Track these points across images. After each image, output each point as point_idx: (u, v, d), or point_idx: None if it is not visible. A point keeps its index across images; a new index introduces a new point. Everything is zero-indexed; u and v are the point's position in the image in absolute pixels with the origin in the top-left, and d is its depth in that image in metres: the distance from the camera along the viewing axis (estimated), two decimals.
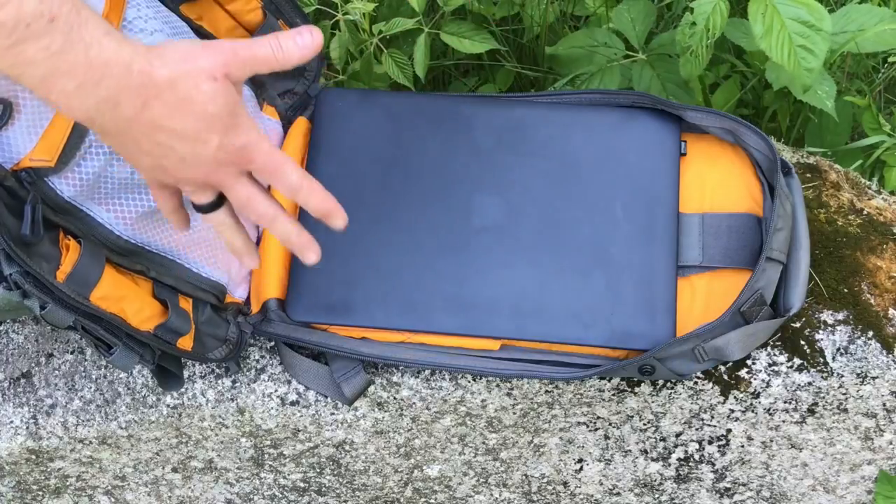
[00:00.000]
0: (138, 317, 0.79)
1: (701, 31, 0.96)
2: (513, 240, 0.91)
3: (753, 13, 0.93)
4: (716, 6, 0.95)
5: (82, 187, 0.75)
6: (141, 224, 0.81)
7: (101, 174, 0.76)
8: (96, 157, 0.75)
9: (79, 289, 0.73)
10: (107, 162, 0.76)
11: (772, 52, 0.92)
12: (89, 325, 0.76)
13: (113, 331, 0.78)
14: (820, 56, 0.92)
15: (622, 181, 0.92)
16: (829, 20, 0.92)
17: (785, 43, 0.92)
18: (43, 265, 0.71)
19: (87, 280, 0.74)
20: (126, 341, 0.79)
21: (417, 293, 0.89)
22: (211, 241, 0.88)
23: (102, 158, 0.76)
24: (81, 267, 0.73)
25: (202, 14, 0.90)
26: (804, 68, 0.92)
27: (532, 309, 0.88)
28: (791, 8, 0.92)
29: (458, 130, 0.95)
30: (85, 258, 0.74)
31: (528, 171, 0.93)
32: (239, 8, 0.92)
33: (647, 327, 0.87)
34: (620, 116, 0.95)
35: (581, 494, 1.04)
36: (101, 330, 0.77)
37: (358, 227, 0.93)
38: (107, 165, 0.76)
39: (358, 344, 0.89)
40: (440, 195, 0.93)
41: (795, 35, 0.92)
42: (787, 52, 0.92)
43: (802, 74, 0.92)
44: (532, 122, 0.95)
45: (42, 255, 0.71)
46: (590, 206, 0.91)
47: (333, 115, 0.98)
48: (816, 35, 0.92)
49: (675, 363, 0.86)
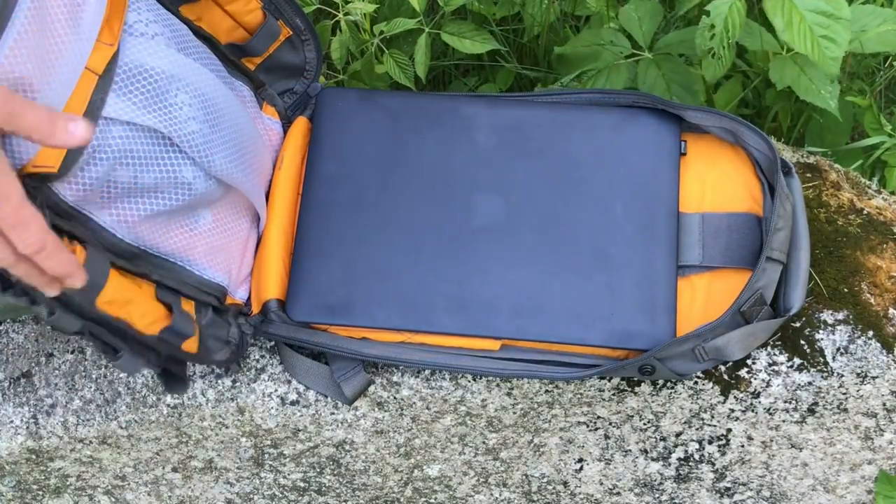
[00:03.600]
0: (144, 321, 0.79)
1: (721, 33, 0.96)
2: (513, 240, 0.91)
3: (771, 9, 0.93)
4: (732, 5, 0.96)
5: (86, 193, 0.75)
6: (143, 228, 0.81)
7: (105, 179, 0.76)
8: (100, 162, 0.75)
9: (86, 294, 0.74)
10: (111, 167, 0.76)
11: (796, 45, 0.93)
12: (96, 330, 0.76)
13: (119, 335, 0.78)
14: (842, 44, 0.92)
15: (622, 181, 0.92)
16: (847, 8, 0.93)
17: (807, 34, 0.92)
18: None
19: (94, 284, 0.74)
20: (132, 345, 0.79)
21: (418, 293, 0.89)
22: (211, 244, 0.89)
23: (107, 164, 0.76)
24: (88, 271, 0.73)
25: (201, 15, 0.90)
26: (829, 57, 0.92)
27: (532, 309, 0.88)
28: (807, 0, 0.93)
29: (458, 130, 0.95)
30: (91, 263, 0.74)
31: (529, 170, 0.93)
32: (238, 9, 0.92)
33: (647, 327, 0.87)
34: (621, 116, 0.95)
35: (581, 494, 1.04)
36: (108, 334, 0.77)
37: (358, 227, 0.93)
38: (110, 171, 0.76)
39: (358, 344, 0.89)
40: (440, 195, 0.93)
41: (816, 26, 0.92)
42: (810, 43, 0.92)
43: (828, 63, 0.92)
44: (532, 122, 0.95)
45: None
46: (590, 206, 0.91)
47: (334, 114, 0.98)
48: (837, 24, 0.92)
49: (675, 363, 0.86)
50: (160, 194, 0.80)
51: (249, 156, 0.90)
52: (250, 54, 0.96)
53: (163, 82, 0.78)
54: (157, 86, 0.77)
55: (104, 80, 0.74)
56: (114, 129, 0.75)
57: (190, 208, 0.85)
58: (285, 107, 1.01)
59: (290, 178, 0.96)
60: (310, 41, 0.96)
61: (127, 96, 0.76)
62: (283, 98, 1.00)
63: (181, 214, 0.85)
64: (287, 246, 0.93)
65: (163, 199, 0.81)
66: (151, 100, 0.77)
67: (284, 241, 0.93)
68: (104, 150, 0.75)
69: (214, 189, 0.86)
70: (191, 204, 0.84)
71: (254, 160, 0.91)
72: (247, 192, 0.90)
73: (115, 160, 0.76)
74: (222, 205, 0.90)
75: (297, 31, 0.95)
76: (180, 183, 0.81)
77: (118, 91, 0.75)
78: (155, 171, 0.79)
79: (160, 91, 0.78)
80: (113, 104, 0.75)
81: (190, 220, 0.86)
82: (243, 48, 0.95)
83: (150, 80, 0.77)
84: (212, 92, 0.83)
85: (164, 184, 0.80)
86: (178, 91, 0.79)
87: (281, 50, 0.96)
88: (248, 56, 0.96)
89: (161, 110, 0.78)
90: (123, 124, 0.76)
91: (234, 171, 0.86)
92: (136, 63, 0.77)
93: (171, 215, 0.83)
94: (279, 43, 0.96)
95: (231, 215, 0.91)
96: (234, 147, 0.86)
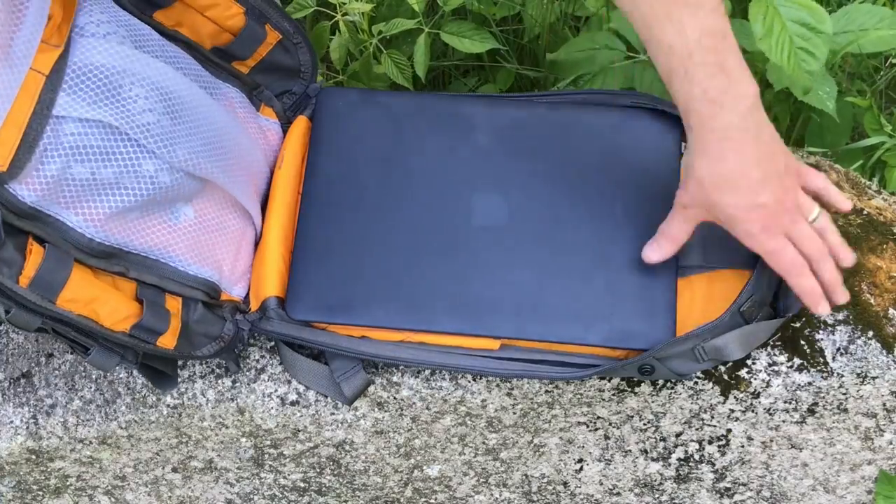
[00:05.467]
0: (112, 318, 0.79)
1: None
2: (513, 239, 0.91)
3: (754, 14, 0.93)
4: None
5: (44, 191, 0.76)
6: (112, 225, 0.81)
7: (62, 176, 0.77)
8: (54, 159, 0.76)
9: (43, 293, 0.74)
10: (65, 164, 0.77)
11: (771, 54, 0.92)
12: (59, 328, 0.77)
13: (86, 332, 0.78)
14: (820, 58, 0.92)
15: (622, 181, 0.92)
16: (830, 23, 0.92)
17: (785, 45, 0.92)
18: (4, 270, 0.71)
19: (52, 284, 0.75)
20: (102, 342, 0.79)
21: (418, 292, 0.89)
22: (195, 239, 0.89)
23: (60, 161, 0.76)
24: (45, 271, 0.74)
25: (180, 20, 0.91)
26: (804, 70, 0.92)
27: (532, 308, 0.88)
28: (792, 10, 0.92)
29: (458, 130, 0.95)
30: (49, 262, 0.75)
31: (529, 170, 0.93)
32: (218, 14, 0.92)
33: (646, 327, 0.87)
34: (621, 117, 0.95)
35: (581, 494, 1.04)
36: (73, 332, 0.77)
37: (357, 226, 0.93)
38: (65, 168, 0.77)
39: (358, 343, 0.89)
40: (440, 195, 0.93)
41: (796, 37, 0.92)
42: (787, 53, 0.92)
43: (803, 77, 0.92)
44: (532, 123, 0.95)
45: (4, 260, 0.72)
46: (590, 206, 0.91)
47: (334, 114, 0.98)
48: (817, 37, 0.92)
49: (675, 363, 0.86)
50: (122, 189, 0.81)
51: (228, 151, 0.90)
52: (238, 58, 0.96)
53: (114, 77, 0.79)
54: (107, 81, 0.79)
55: (52, 80, 0.76)
56: (66, 127, 0.76)
57: (165, 203, 0.85)
58: (284, 108, 1.01)
59: (290, 177, 0.96)
60: (302, 44, 0.97)
61: (77, 94, 0.77)
62: (282, 99, 1.01)
63: (157, 210, 0.85)
64: (287, 244, 0.93)
65: (126, 194, 0.81)
66: (102, 95, 0.78)
67: (284, 239, 0.93)
68: (56, 147, 0.76)
69: (187, 183, 0.86)
70: (162, 198, 0.84)
71: (235, 156, 0.91)
72: (226, 188, 0.90)
73: (69, 156, 0.77)
74: (205, 200, 0.90)
75: (286, 35, 0.95)
76: (141, 176, 0.81)
77: (68, 90, 0.77)
78: (112, 164, 0.79)
79: (112, 86, 0.79)
80: (63, 102, 0.76)
81: (168, 215, 0.86)
82: (228, 52, 0.95)
83: (101, 76, 0.78)
84: (172, 85, 0.83)
85: (124, 177, 0.80)
86: (131, 85, 0.80)
87: (274, 53, 0.97)
88: (237, 60, 0.96)
89: (113, 104, 0.79)
90: (75, 121, 0.77)
91: (204, 164, 0.86)
92: (86, 62, 0.78)
93: (144, 211, 0.84)
94: (270, 46, 0.96)
95: (216, 211, 0.91)
96: (203, 140, 0.86)
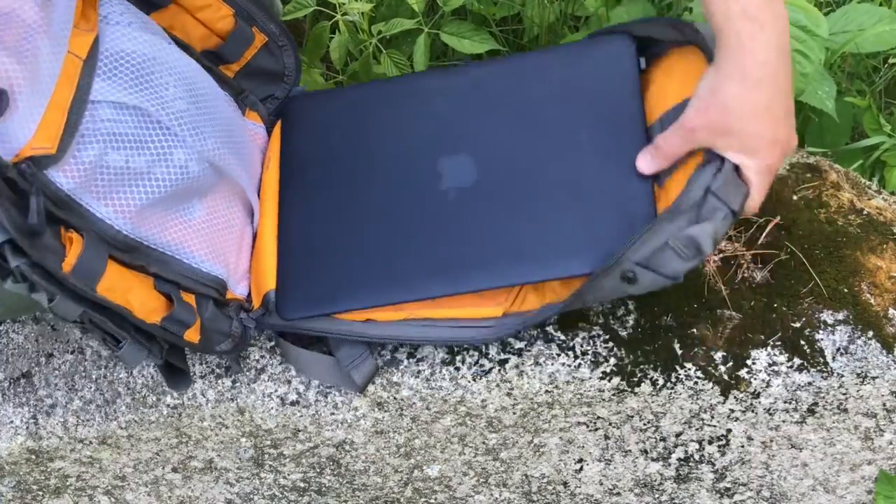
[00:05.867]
0: (144, 308, 0.79)
1: None
2: (485, 193, 0.90)
3: None
4: None
5: (80, 178, 0.76)
6: (140, 218, 0.82)
7: (98, 163, 0.77)
8: (92, 145, 0.76)
9: (85, 280, 0.74)
10: (102, 150, 0.77)
11: None
12: (97, 318, 0.76)
13: (120, 324, 0.78)
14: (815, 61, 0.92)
15: (584, 110, 0.91)
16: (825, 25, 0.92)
17: None
18: (49, 257, 0.71)
19: (93, 272, 0.75)
20: (134, 335, 0.79)
21: (401, 265, 0.89)
22: (207, 236, 0.89)
23: (98, 147, 0.77)
24: (86, 259, 0.74)
25: (172, 23, 0.91)
26: (799, 73, 0.92)
27: (517, 255, 0.87)
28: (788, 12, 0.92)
29: (416, 104, 0.96)
30: (89, 250, 0.75)
31: (490, 124, 0.93)
32: (209, 16, 0.92)
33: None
34: (573, 49, 0.95)
35: (581, 494, 1.04)
36: (109, 323, 0.77)
37: (333, 217, 0.93)
38: (102, 154, 0.77)
39: (363, 326, 0.89)
40: (407, 166, 0.93)
41: (792, 39, 0.92)
42: None
43: (797, 79, 0.92)
44: (488, 78, 0.96)
45: (46, 247, 0.71)
46: (556, 143, 0.90)
47: (300, 121, 0.99)
48: (813, 40, 0.92)
49: (657, 261, 0.81)
50: (153, 178, 0.81)
51: (239, 144, 0.91)
52: (226, 61, 0.97)
53: (145, 64, 0.80)
54: (139, 68, 0.79)
55: (88, 64, 0.77)
56: (102, 112, 0.77)
57: (184, 197, 0.86)
58: (268, 112, 1.01)
59: (276, 179, 0.97)
60: (287, 47, 0.97)
61: (112, 79, 0.78)
62: (265, 104, 1.01)
63: (176, 205, 0.86)
64: None
65: (156, 184, 0.81)
66: (136, 81, 0.79)
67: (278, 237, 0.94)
68: (95, 133, 0.77)
69: (209, 175, 0.86)
70: (186, 190, 0.85)
71: (243, 149, 0.92)
72: (240, 181, 0.91)
73: (105, 143, 0.77)
74: (215, 196, 0.91)
75: (272, 37, 0.96)
76: (172, 165, 0.82)
77: (103, 75, 0.77)
78: (146, 152, 0.80)
79: (144, 72, 0.80)
80: (99, 87, 0.77)
81: (184, 211, 0.87)
82: (218, 55, 0.95)
83: (133, 62, 0.79)
84: (193, 75, 0.85)
85: (155, 166, 0.81)
86: (161, 72, 0.81)
87: (258, 56, 0.97)
88: (225, 63, 0.97)
89: (147, 90, 0.80)
90: (111, 106, 0.77)
91: (226, 154, 0.87)
92: (117, 48, 0.79)
93: (166, 206, 0.84)
94: (256, 49, 0.96)
95: (224, 208, 0.92)
96: (223, 131, 0.87)
